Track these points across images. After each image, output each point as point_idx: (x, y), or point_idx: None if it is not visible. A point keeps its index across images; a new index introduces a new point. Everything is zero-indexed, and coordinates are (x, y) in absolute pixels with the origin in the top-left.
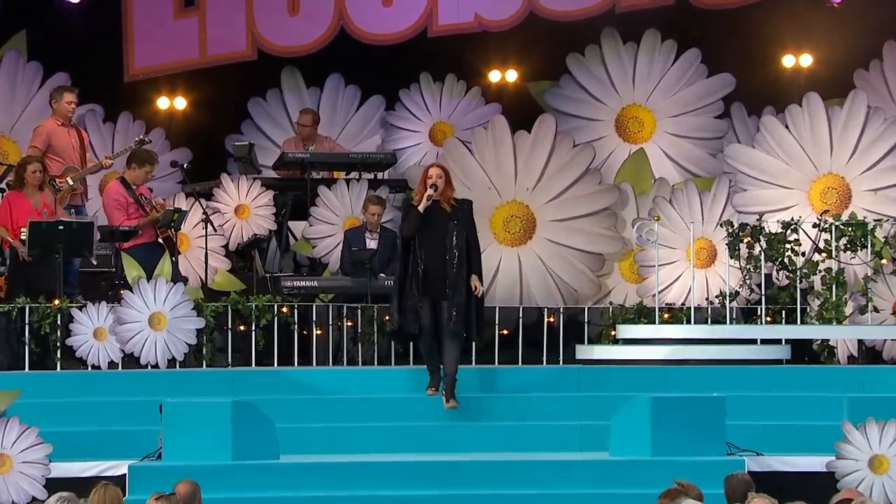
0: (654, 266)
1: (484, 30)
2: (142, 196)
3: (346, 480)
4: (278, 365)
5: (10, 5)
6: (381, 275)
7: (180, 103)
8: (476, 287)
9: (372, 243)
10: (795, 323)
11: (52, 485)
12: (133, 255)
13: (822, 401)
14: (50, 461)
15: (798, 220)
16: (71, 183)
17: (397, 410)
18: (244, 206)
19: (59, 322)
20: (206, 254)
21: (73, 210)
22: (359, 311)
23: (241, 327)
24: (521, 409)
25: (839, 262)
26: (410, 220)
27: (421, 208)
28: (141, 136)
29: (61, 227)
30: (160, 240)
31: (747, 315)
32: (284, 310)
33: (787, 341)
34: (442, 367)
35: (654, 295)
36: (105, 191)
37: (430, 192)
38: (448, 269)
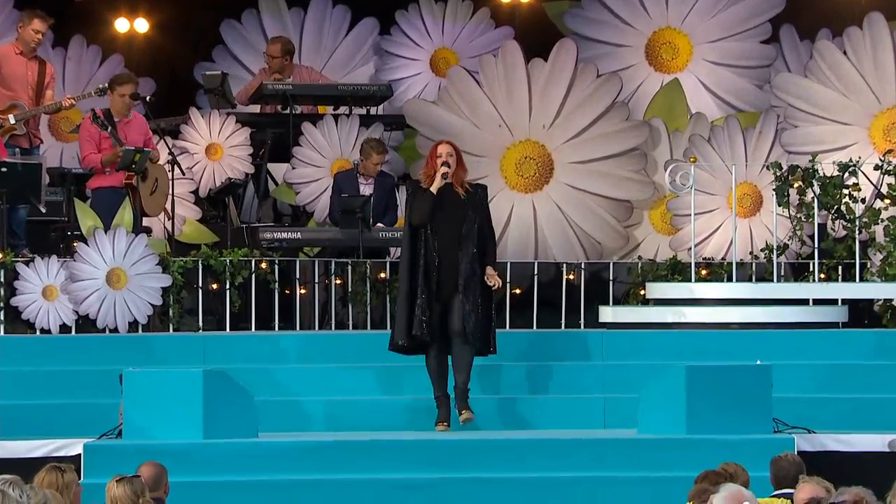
0: (690, 215)
1: None
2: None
3: (336, 462)
4: (256, 329)
5: None
6: (380, 224)
7: (142, 26)
8: (494, 281)
9: (366, 189)
10: (854, 280)
11: None
12: (99, 199)
13: (885, 370)
14: None
15: (857, 162)
16: (12, 121)
17: (395, 381)
18: (216, 146)
19: (2, 279)
20: (173, 201)
21: (17, 151)
22: (349, 266)
23: (214, 286)
24: (536, 380)
25: None
26: (421, 204)
27: (434, 188)
28: (103, 85)
29: (4, 170)
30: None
31: (798, 271)
32: (263, 265)
33: (843, 301)
34: (452, 376)
35: (689, 248)
36: (83, 119)
37: (443, 169)
38: (462, 263)
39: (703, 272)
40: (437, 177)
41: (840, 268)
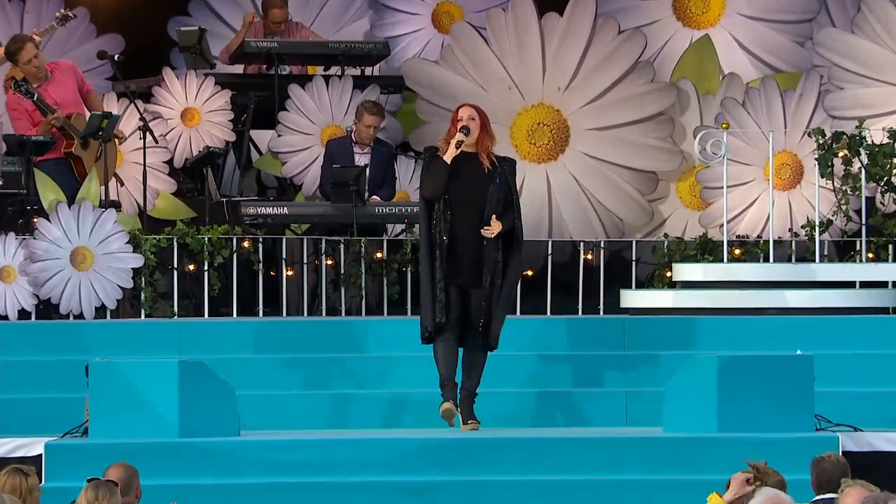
0: (722, 188)
1: None
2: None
3: (326, 462)
4: (238, 315)
5: None
6: (375, 198)
7: None
8: (491, 227)
9: (362, 159)
10: None
11: None
12: (46, 173)
13: None
14: None
15: None
16: None
17: (392, 373)
18: (193, 111)
19: None
20: (145, 172)
21: None
22: (342, 245)
23: (191, 267)
24: (550, 372)
25: None
26: (435, 174)
27: (448, 157)
28: (64, 11)
29: None
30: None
31: (843, 251)
32: (246, 244)
33: (894, 284)
34: (461, 379)
35: (721, 225)
36: (7, 96)
37: (459, 135)
38: (485, 251)
39: (737, 251)
40: (451, 144)
41: (890, 246)
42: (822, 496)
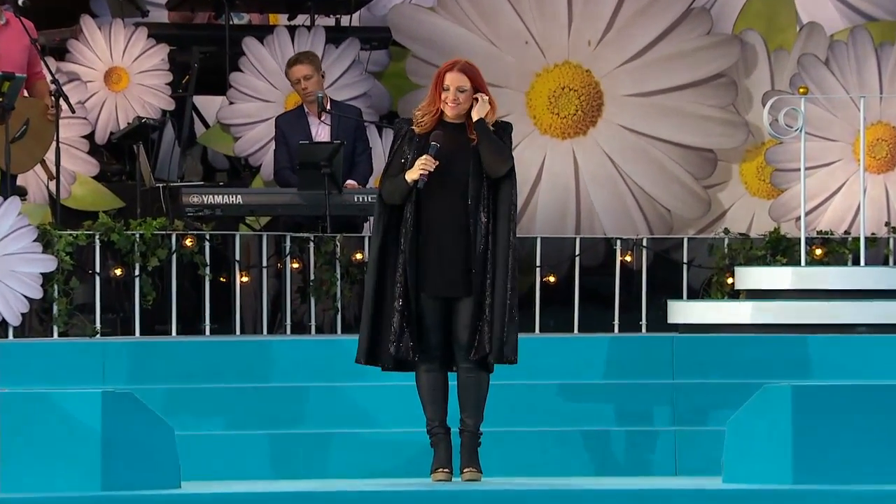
0: (799, 170)
1: None
2: None
3: None
4: (178, 333)
5: None
6: (351, 182)
7: None
8: (480, 98)
9: (321, 131)
10: None
11: None
12: None
13: None
14: None
15: None
16: None
17: (374, 408)
18: (120, 71)
19: None
20: (58, 150)
21: None
22: (311, 245)
23: (118, 271)
24: (579, 405)
25: None
26: (395, 187)
27: (408, 178)
28: None
29: None
30: None
31: None
32: (188, 242)
33: None
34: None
35: (798, 218)
36: None
37: (427, 162)
38: (474, 244)
39: (818, 252)
40: (415, 168)
41: None
42: None
